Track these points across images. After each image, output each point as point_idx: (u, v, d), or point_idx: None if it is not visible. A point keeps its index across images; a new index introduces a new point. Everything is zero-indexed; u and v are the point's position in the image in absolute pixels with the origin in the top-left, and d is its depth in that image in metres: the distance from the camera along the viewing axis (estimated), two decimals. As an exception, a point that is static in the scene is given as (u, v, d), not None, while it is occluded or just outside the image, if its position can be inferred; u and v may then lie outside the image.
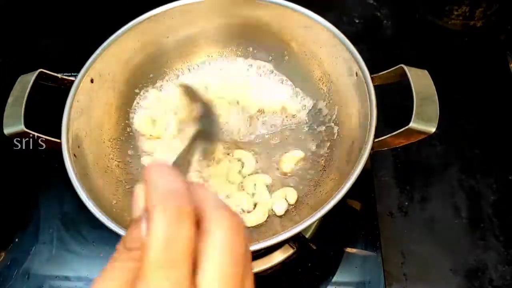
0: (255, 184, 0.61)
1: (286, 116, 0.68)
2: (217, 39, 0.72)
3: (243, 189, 0.62)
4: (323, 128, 0.65)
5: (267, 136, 0.66)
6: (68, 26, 0.93)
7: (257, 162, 0.64)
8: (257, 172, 0.63)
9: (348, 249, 0.64)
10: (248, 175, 0.63)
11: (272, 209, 0.60)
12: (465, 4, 0.85)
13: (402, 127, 0.49)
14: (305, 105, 0.68)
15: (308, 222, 0.47)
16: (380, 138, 0.51)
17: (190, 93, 0.61)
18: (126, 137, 0.66)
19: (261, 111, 0.68)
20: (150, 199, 0.24)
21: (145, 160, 0.65)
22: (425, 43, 0.86)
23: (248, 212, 0.60)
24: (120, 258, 0.24)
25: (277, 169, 0.63)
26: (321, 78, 0.66)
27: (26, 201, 0.72)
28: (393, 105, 0.69)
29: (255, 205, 0.60)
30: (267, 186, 0.62)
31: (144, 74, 0.69)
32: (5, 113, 0.55)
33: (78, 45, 0.87)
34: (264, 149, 0.65)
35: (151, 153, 0.66)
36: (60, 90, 0.58)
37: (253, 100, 0.69)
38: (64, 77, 0.59)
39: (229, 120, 0.67)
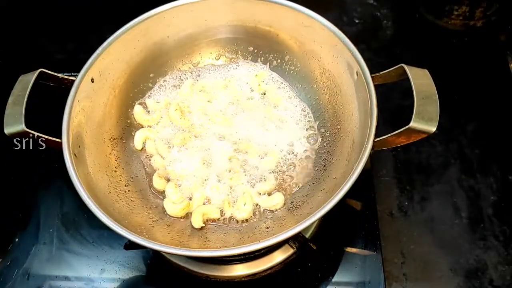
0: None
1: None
2: (217, 39, 0.72)
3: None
4: (323, 127, 0.65)
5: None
6: (69, 26, 0.93)
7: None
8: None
9: (348, 249, 0.64)
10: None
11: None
12: (465, 4, 0.85)
13: (403, 127, 0.49)
14: (305, 105, 0.68)
15: (308, 222, 0.47)
16: (380, 138, 0.51)
17: None
18: (127, 136, 0.67)
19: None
20: None
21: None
22: (425, 43, 0.86)
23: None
24: None
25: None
26: (321, 77, 0.66)
27: (26, 201, 0.72)
28: (393, 104, 0.69)
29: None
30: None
31: (145, 74, 0.69)
32: (6, 113, 0.55)
33: (79, 45, 0.87)
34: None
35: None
36: (61, 90, 0.58)
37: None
38: (65, 76, 0.59)
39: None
